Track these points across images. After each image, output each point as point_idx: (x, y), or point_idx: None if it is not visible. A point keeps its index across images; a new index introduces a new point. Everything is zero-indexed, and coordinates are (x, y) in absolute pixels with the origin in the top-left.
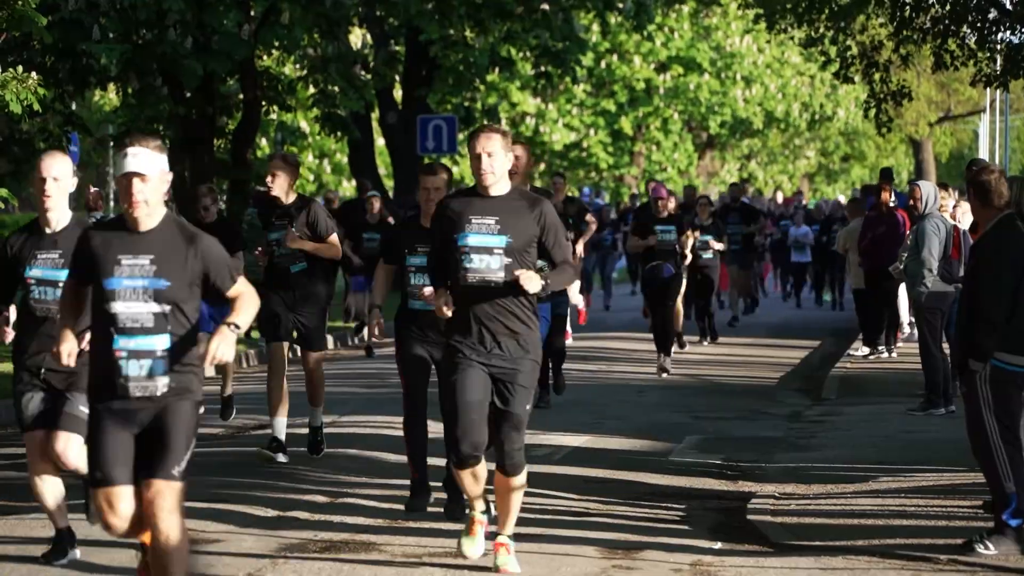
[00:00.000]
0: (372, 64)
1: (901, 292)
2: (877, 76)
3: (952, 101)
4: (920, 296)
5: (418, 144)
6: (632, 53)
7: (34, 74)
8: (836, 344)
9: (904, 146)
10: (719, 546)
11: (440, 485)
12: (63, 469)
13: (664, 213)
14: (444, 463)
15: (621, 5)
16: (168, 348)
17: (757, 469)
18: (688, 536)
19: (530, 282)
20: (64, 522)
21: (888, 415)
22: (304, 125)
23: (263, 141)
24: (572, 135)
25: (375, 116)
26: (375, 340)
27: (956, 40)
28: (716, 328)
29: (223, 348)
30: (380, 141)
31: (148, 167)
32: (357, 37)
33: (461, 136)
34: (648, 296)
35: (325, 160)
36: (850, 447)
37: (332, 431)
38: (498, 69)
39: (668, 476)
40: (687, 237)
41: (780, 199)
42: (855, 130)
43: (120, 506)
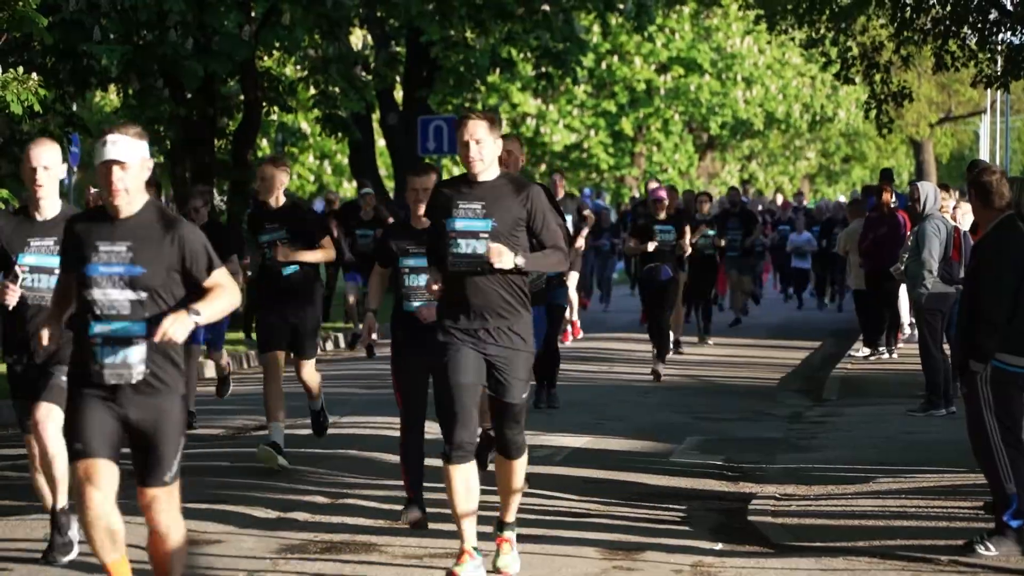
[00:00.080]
0: (373, 65)
1: (902, 293)
2: (878, 77)
3: (953, 102)
4: (920, 297)
5: (419, 145)
6: (633, 54)
7: (35, 75)
8: (837, 345)
9: (905, 147)
10: (720, 547)
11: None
12: (39, 448)
13: (662, 215)
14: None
15: (622, 6)
16: (144, 336)
17: (758, 470)
18: (689, 537)
19: (500, 257)
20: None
21: (889, 416)
22: (305, 126)
23: (264, 142)
24: (573, 136)
25: (376, 117)
26: (375, 340)
27: (957, 41)
28: (710, 328)
29: (175, 328)
30: (381, 142)
31: (128, 154)
32: (358, 38)
33: None
34: (645, 299)
35: (326, 161)
36: (851, 448)
37: (332, 432)
38: (499, 70)
39: (669, 477)
40: (686, 236)
41: (780, 201)
42: (856, 131)
43: (100, 478)
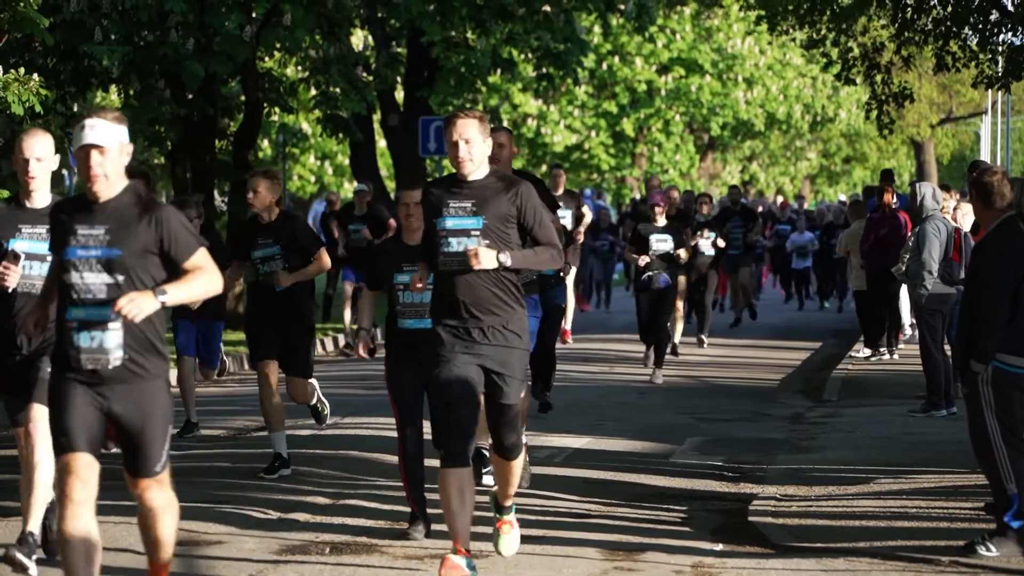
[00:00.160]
0: (374, 65)
1: (903, 294)
2: (879, 78)
3: (954, 103)
4: (920, 298)
5: (420, 146)
6: (634, 55)
7: (36, 76)
8: (837, 346)
9: (906, 148)
10: (720, 548)
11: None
12: (27, 450)
13: (660, 221)
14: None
15: (623, 7)
16: (121, 320)
17: (758, 471)
18: (689, 538)
19: (479, 259)
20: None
21: (890, 417)
22: (306, 126)
23: (265, 143)
24: (574, 137)
25: (377, 117)
26: (373, 346)
27: (958, 42)
28: (705, 330)
29: (134, 304)
30: (382, 143)
31: (107, 139)
32: (359, 39)
33: None
34: (639, 301)
35: (327, 162)
36: (851, 449)
37: (333, 433)
38: (500, 71)
39: (669, 478)
40: (684, 246)
41: (779, 202)
42: (857, 132)
43: (82, 471)
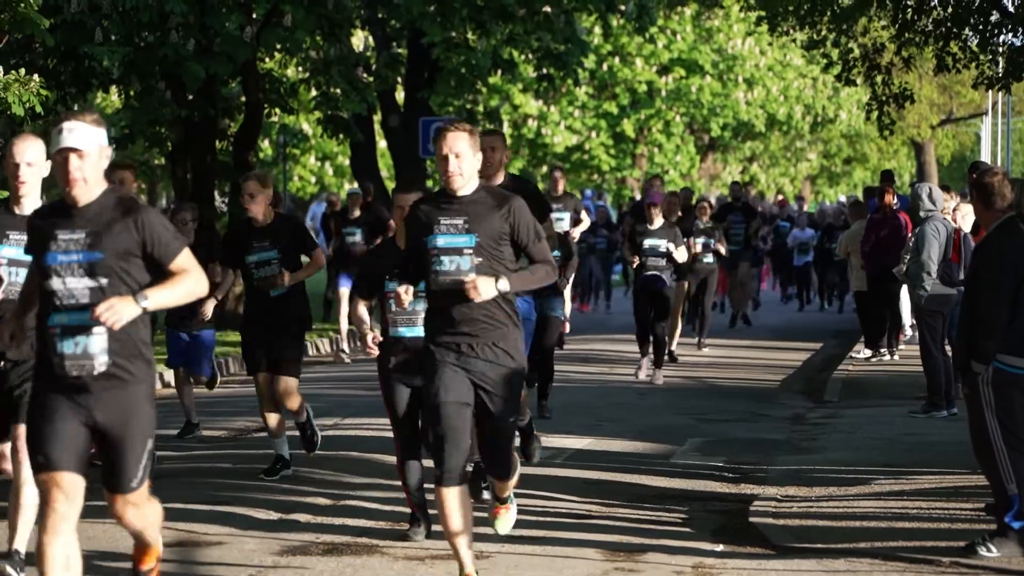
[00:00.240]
0: (374, 66)
1: (904, 294)
2: (879, 78)
3: (954, 103)
4: (920, 299)
5: (420, 146)
6: (634, 55)
7: (36, 76)
8: (838, 346)
9: (906, 148)
10: (721, 548)
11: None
12: (13, 470)
13: (656, 223)
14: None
15: (623, 7)
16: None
17: (759, 471)
18: (690, 538)
19: (478, 292)
20: None
21: (890, 417)
22: (306, 127)
23: (265, 143)
24: (574, 137)
25: (377, 118)
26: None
27: (958, 42)
28: (704, 332)
29: (114, 309)
30: (382, 143)
31: (85, 142)
32: (359, 39)
33: None
34: (637, 303)
35: (327, 162)
36: (852, 449)
37: (333, 434)
38: (500, 71)
39: (670, 478)
40: (683, 251)
41: (778, 200)
42: (857, 132)
43: (66, 487)
